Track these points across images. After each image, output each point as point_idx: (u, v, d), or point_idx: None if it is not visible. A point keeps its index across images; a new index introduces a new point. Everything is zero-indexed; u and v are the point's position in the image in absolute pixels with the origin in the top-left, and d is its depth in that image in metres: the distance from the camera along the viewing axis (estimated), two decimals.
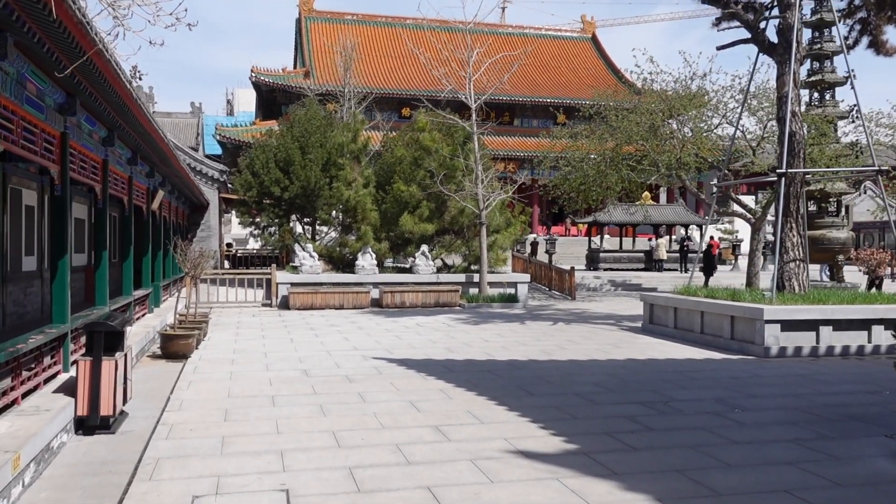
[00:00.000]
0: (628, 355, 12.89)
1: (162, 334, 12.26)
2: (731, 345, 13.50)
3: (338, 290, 22.28)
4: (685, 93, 24.34)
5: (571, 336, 15.56)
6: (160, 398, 9.14)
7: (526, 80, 60.30)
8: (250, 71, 54.16)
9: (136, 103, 8.98)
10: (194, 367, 11.37)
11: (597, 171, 25.00)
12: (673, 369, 11.48)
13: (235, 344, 14.13)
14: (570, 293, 26.10)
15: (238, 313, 20.62)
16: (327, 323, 18.08)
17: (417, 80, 58.57)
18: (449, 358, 12.51)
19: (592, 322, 18.46)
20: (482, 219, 23.38)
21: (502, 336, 15.52)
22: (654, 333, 15.90)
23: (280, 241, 27.54)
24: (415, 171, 24.67)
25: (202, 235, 29.10)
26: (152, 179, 16.62)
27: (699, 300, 14.64)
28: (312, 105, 27.75)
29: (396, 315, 20.18)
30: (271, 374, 10.89)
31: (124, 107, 9.06)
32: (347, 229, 26.04)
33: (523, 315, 20.34)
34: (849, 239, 25.84)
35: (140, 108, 9.40)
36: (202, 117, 76.68)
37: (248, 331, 16.40)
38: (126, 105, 8.91)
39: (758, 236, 25.66)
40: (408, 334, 15.81)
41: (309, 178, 25.20)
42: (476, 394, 9.43)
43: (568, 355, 12.84)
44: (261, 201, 26.46)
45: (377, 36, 65.55)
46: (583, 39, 72.77)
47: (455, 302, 22.91)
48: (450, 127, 26.44)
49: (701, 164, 26.17)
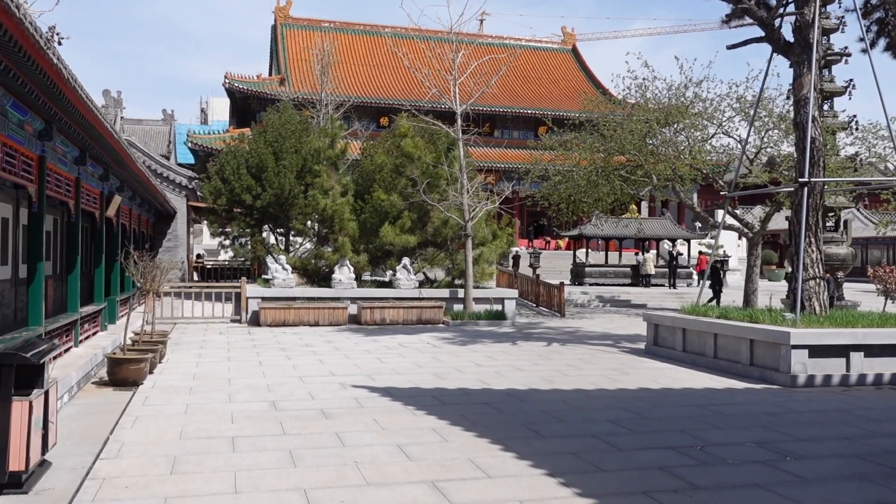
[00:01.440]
0: (639, 383, 11.49)
1: (109, 358, 10.66)
2: (750, 371, 12.15)
3: (313, 306, 20.71)
4: (679, 101, 23.17)
5: (570, 360, 14.14)
6: (96, 440, 7.57)
7: (507, 91, 59.26)
8: (224, 77, 52.58)
9: (70, 85, 7.46)
10: (145, 398, 9.79)
11: (587, 181, 23.71)
12: (694, 402, 10.08)
13: (197, 368, 12.54)
14: (559, 310, 24.73)
15: (204, 330, 18.97)
16: (301, 342, 16.52)
17: (396, 88, 57.31)
18: (439, 386, 11.02)
19: (589, 343, 17.07)
20: (468, 230, 21.97)
21: (494, 359, 14.06)
22: (659, 357, 14.53)
23: (251, 253, 25.93)
24: (396, 180, 23.22)
25: (168, 245, 27.40)
26: (107, 183, 15.00)
27: (712, 321, 13.30)
28: (287, 109, 26.22)
29: (376, 333, 18.66)
30: (234, 406, 9.34)
31: (55, 89, 7.53)
32: (324, 240, 24.49)
33: (513, 334, 18.91)
34: (848, 255, 24.69)
35: (77, 92, 7.87)
36: (174, 125, 74.59)
37: (213, 351, 14.79)
38: (56, 86, 7.39)
39: (755, 252, 24.51)
40: (390, 357, 14.30)
41: (283, 185, 23.65)
42: (476, 435, 7.97)
43: (572, 383, 11.41)
44: (231, 210, 24.84)
45: (354, 44, 64.21)
46: (563, 51, 72.00)
47: (439, 319, 21.43)
48: (432, 134, 25.05)
49: (696, 175, 25.02)
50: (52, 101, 8.34)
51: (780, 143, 24.46)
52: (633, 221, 34.98)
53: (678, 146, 23.82)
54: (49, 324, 10.26)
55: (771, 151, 24.08)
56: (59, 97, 7.97)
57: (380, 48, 63.77)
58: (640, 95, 23.26)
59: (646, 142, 23.99)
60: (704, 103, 23.13)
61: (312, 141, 24.50)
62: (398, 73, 60.59)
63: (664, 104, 23.05)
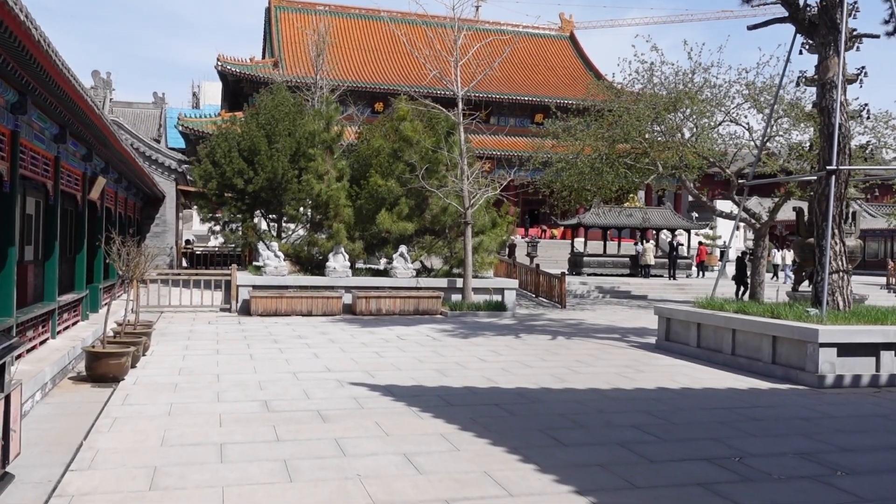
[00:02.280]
0: (657, 382, 10.76)
1: (88, 352, 9.86)
2: (773, 370, 11.44)
3: (306, 295, 19.92)
4: (688, 87, 22.41)
5: (578, 355, 13.41)
6: (69, 447, 6.79)
7: (503, 78, 58.26)
8: (216, 59, 51.48)
9: (42, 49, 6.63)
10: (125, 396, 9.00)
11: (592, 168, 22.98)
12: (720, 404, 9.36)
13: (183, 361, 11.74)
14: (560, 301, 24.00)
15: (192, 320, 18.17)
16: (294, 334, 15.73)
17: (392, 73, 56.36)
18: (443, 384, 10.27)
19: (595, 336, 16.35)
20: (467, 218, 21.18)
21: (499, 354, 13.32)
22: (672, 352, 13.81)
23: (242, 239, 25.08)
24: (393, 165, 22.39)
25: (157, 231, 26.52)
26: (90, 164, 14.14)
27: (730, 316, 12.58)
28: (281, 91, 25.32)
29: (372, 324, 17.89)
30: (223, 407, 8.57)
31: (24, 53, 6.70)
32: (318, 227, 23.67)
33: (515, 326, 18.17)
34: (857, 247, 23.92)
35: (50, 58, 7.04)
36: (165, 108, 73.43)
37: (201, 343, 13.99)
38: (25, 49, 6.56)
39: (762, 243, 23.84)
40: (389, 350, 13.53)
41: (276, 169, 22.79)
42: (489, 442, 7.22)
43: (585, 381, 10.68)
44: (222, 194, 23.97)
45: (349, 28, 63.07)
46: (561, 38, 71.02)
47: (436, 309, 20.67)
48: (431, 118, 24.23)
49: (702, 164, 24.30)
50: (23, 68, 7.51)
51: (790, 131, 23.76)
52: (638, 211, 34.26)
53: (685, 133, 23.09)
54: (22, 314, 9.45)
55: (781, 140, 23.34)
56: (30, 62, 7.14)
57: (375, 32, 62.74)
58: (646, 79, 22.49)
59: (653, 128, 23.26)
60: (714, 89, 22.38)
61: (307, 124, 23.63)
62: (394, 58, 59.58)
63: (672, 89, 22.30)
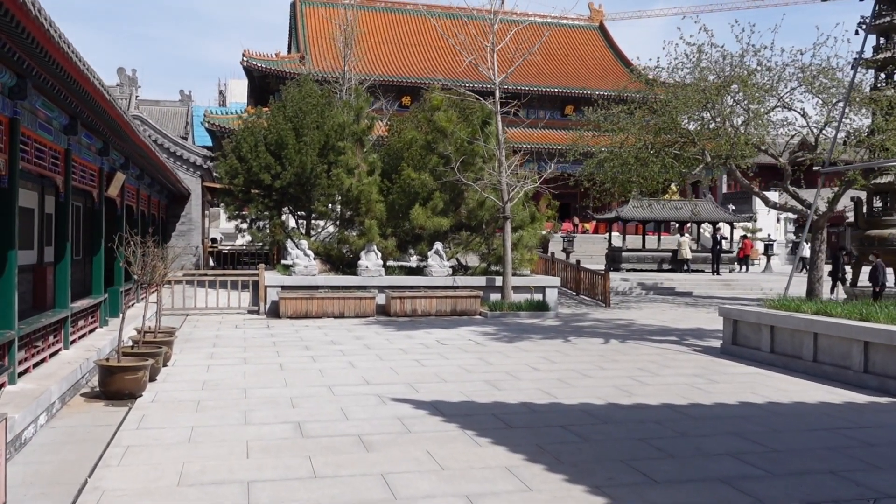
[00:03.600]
0: (737, 396, 9.52)
1: (101, 366, 8.84)
2: (865, 380, 10.15)
3: (337, 296, 18.87)
4: (739, 70, 21.02)
5: (639, 362, 12.19)
6: (69, 488, 5.73)
7: (533, 69, 56.91)
8: (242, 55, 50.70)
9: (30, 15, 5.56)
10: (141, 418, 7.96)
11: (637, 158, 21.65)
12: (819, 423, 8.12)
13: (207, 373, 10.70)
14: (603, 299, 22.74)
15: (218, 323, 17.18)
16: (326, 339, 14.66)
17: (419, 66, 55.27)
18: (496, 400, 9.12)
19: (650, 340, 15.10)
20: (506, 212, 19.98)
21: (552, 362, 12.13)
22: (741, 358, 12.54)
23: (270, 237, 24.10)
24: (427, 157, 21.25)
25: (182, 230, 25.65)
26: (107, 158, 13.16)
27: (812, 318, 11.28)
28: (308, 83, 24.26)
29: (409, 327, 16.79)
30: (251, 431, 7.49)
31: (15, 26, 5.64)
32: (348, 223, 22.60)
33: (561, 328, 16.97)
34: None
35: (44, 30, 5.98)
36: (191, 106, 73.04)
37: (227, 350, 12.96)
38: (16, 21, 5.50)
39: (820, 236, 22.39)
40: (430, 357, 12.40)
41: (304, 163, 21.74)
42: (566, 478, 6.05)
43: (656, 395, 9.47)
44: (248, 190, 22.97)
45: (375, 21, 61.95)
46: (590, 28, 69.50)
47: (475, 310, 19.52)
48: (464, 109, 23.06)
49: (754, 153, 22.90)
50: (15, 43, 6.46)
51: (848, 116, 22.26)
52: (687, 203, 32.79)
53: (736, 120, 21.69)
54: (26, 325, 8.44)
55: (845, 125, 21.83)
56: (21, 35, 6.08)
57: (401, 25, 61.74)
58: (695, 63, 21.11)
59: (701, 115, 21.93)
60: (769, 72, 20.96)
61: (336, 115, 22.53)
62: (420, 51, 58.53)
63: (721, 72, 20.93)
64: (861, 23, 23.50)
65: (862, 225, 22.85)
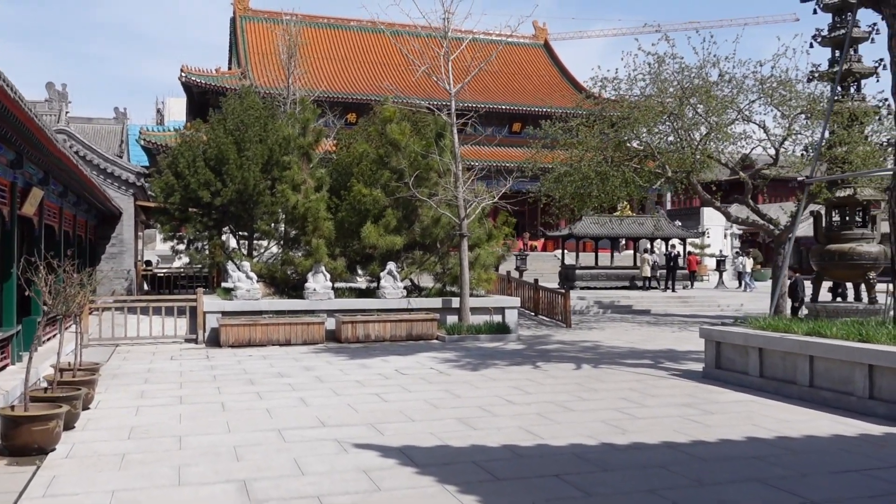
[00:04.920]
0: (740, 430, 8.51)
1: (3, 416, 7.39)
2: (871, 407, 9.27)
3: (283, 321, 17.46)
4: (698, 81, 20.45)
5: (619, 390, 11.15)
6: None
7: (479, 86, 56.31)
8: (180, 70, 48.92)
9: None
10: (50, 480, 6.54)
11: (597, 172, 20.86)
12: (845, 464, 7.13)
13: (135, 417, 9.26)
14: (564, 320, 21.77)
15: (152, 354, 15.62)
16: (273, 370, 13.28)
17: (364, 83, 54.16)
18: (475, 443, 7.93)
19: (622, 363, 14.11)
20: (463, 229, 18.89)
21: (525, 392, 11.00)
22: (729, 384, 11.60)
23: (210, 259, 22.54)
24: (378, 172, 20.06)
25: (113, 252, 23.88)
26: (21, 172, 11.64)
27: (807, 340, 10.40)
28: (250, 94, 22.87)
29: (362, 354, 15.50)
30: (185, 494, 6.15)
31: None
32: (294, 243, 21.22)
33: (526, 352, 15.89)
34: (881, 253, 22.11)
35: None
36: (127, 124, 70.48)
37: (161, 387, 11.50)
38: None
39: (783, 251, 21.85)
40: (392, 391, 11.15)
41: (246, 179, 20.31)
42: None
43: (651, 432, 8.40)
44: (185, 209, 21.40)
45: (319, 38, 60.72)
46: (535, 46, 69.52)
47: (432, 334, 18.33)
48: (417, 122, 21.96)
49: (714, 166, 22.39)
50: None
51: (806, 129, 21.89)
52: (649, 219, 32.26)
53: (696, 133, 21.08)
54: None
55: (803, 138, 21.43)
56: None
57: (346, 42, 60.66)
58: (655, 73, 20.46)
59: (661, 128, 21.31)
60: (730, 83, 20.43)
61: (280, 128, 21.19)
62: (366, 67, 57.49)
63: (681, 82, 20.33)
64: (815, 35, 23.28)
65: (821, 239, 22.40)
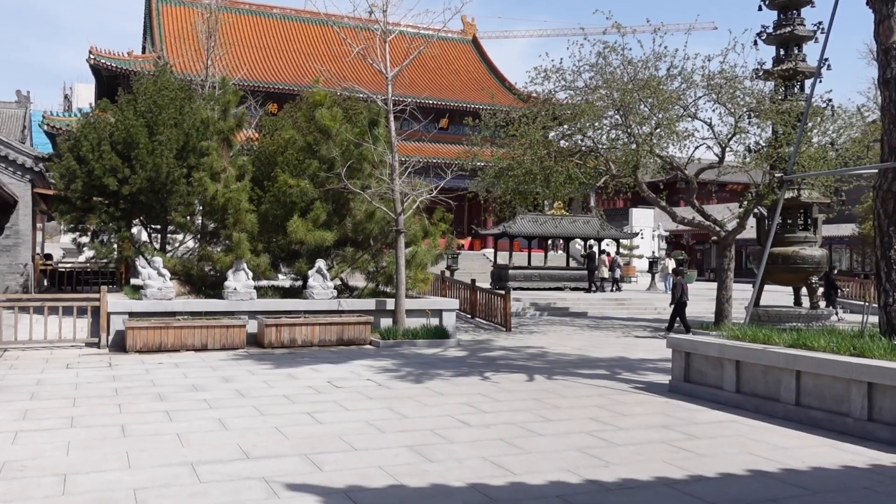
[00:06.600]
0: (740, 462, 7.36)
1: None
2: (871, 430, 8.29)
3: (199, 324, 15.68)
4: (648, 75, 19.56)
5: (584, 407, 9.92)
6: None
7: (404, 80, 54.81)
8: (88, 52, 45.79)
9: None
10: None
11: (541, 167, 19.76)
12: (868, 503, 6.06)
13: (12, 447, 7.49)
14: (504, 323, 20.59)
15: (45, 361, 13.64)
16: (186, 382, 11.56)
17: (287, 73, 52.10)
18: (435, 482, 6.52)
19: (577, 374, 12.94)
20: (400, 225, 17.46)
21: (481, 410, 9.65)
22: (700, 399, 10.53)
23: (117, 253, 20.44)
24: (307, 162, 18.41)
25: (7, 244, 21.44)
26: None
27: (794, 353, 9.37)
28: (164, 73, 20.85)
29: (289, 362, 13.89)
30: None
31: None
32: (212, 237, 19.36)
33: (469, 360, 14.56)
34: (823, 257, 21.77)
35: None
36: (30, 109, 66.20)
37: (49, 405, 9.67)
38: None
39: (727, 253, 21.23)
40: (326, 408, 9.62)
41: (158, 166, 18.33)
42: None
43: (637, 465, 7.16)
44: (89, 198, 19.25)
45: (239, 24, 58.11)
46: (463, 41, 68.57)
47: (365, 338, 16.85)
48: (348, 109, 20.38)
49: (661, 164, 21.60)
50: None
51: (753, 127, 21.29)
52: (593, 219, 31.42)
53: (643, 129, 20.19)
54: None
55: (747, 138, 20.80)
56: None
57: (267, 30, 58.40)
58: (604, 64, 19.47)
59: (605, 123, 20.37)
60: (679, 77, 19.61)
61: (198, 111, 19.29)
62: (289, 56, 55.36)
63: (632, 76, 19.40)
64: (760, 33, 22.76)
65: (764, 242, 21.87)
